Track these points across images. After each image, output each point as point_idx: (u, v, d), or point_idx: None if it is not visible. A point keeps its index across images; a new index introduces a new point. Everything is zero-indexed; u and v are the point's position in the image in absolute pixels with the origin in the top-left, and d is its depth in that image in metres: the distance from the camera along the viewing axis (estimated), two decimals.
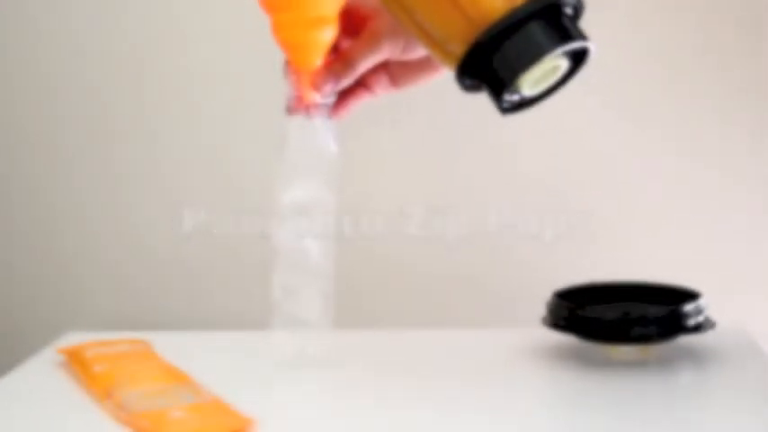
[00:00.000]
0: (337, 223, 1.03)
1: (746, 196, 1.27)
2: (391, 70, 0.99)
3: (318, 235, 1.03)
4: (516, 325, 1.21)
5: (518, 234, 1.28)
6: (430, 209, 1.29)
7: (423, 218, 1.30)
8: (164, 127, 1.30)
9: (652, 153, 1.27)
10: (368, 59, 0.96)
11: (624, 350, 1.09)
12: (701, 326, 1.08)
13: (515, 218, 1.28)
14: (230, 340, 1.20)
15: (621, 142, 1.27)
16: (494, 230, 1.29)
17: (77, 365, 1.07)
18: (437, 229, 1.29)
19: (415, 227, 1.30)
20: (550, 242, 1.28)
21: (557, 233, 1.28)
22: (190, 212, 1.31)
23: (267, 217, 1.27)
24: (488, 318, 1.27)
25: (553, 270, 1.26)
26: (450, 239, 1.29)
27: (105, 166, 1.31)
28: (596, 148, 1.28)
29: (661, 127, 1.27)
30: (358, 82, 0.99)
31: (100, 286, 1.33)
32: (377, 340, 1.18)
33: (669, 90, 1.26)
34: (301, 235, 1.03)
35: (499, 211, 1.28)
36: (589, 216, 1.28)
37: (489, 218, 1.29)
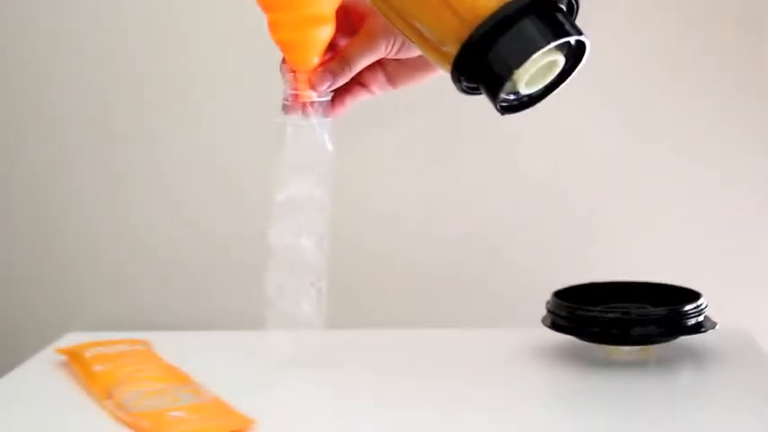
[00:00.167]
0: (335, 222, 1.03)
1: (746, 196, 1.27)
2: (388, 68, 0.98)
3: (313, 233, 1.02)
4: (516, 325, 1.21)
5: (518, 234, 1.29)
6: (429, 208, 1.29)
7: (422, 217, 1.30)
8: (164, 127, 1.30)
9: (652, 153, 1.27)
10: (364, 58, 0.96)
11: (624, 350, 1.09)
12: (701, 326, 1.08)
13: (515, 218, 1.28)
14: (230, 340, 1.20)
15: (621, 142, 1.27)
16: (494, 230, 1.29)
17: (77, 365, 1.07)
18: (437, 229, 1.29)
19: (415, 226, 1.30)
20: (550, 242, 1.28)
21: (557, 233, 1.28)
22: (190, 212, 1.31)
23: (267, 217, 1.27)
24: (488, 318, 1.27)
25: (553, 270, 1.26)
26: (449, 239, 1.29)
27: (105, 166, 1.31)
28: (596, 148, 1.28)
29: (661, 127, 1.27)
30: (355, 80, 0.98)
31: (100, 286, 1.33)
32: (377, 340, 1.18)
33: (669, 90, 1.26)
34: (296, 233, 1.02)
35: (499, 211, 1.29)
36: (589, 216, 1.28)
37: (489, 218, 1.29)
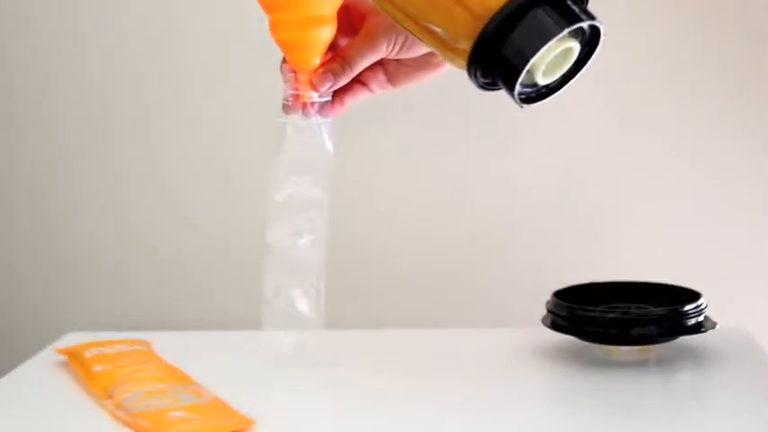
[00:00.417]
0: (334, 222, 1.03)
1: (746, 196, 1.27)
2: (388, 68, 0.98)
3: (313, 233, 1.02)
4: (516, 325, 1.21)
5: (518, 234, 1.29)
6: (429, 208, 1.29)
7: (421, 217, 1.30)
8: (164, 127, 1.31)
9: (652, 153, 1.27)
10: (366, 58, 0.96)
11: (624, 350, 1.09)
12: (701, 326, 1.08)
13: (515, 218, 1.28)
14: (230, 340, 1.20)
15: (622, 142, 1.27)
16: (493, 230, 1.29)
17: (77, 365, 1.07)
18: (436, 229, 1.29)
19: (414, 226, 1.30)
20: (551, 242, 1.28)
21: (557, 233, 1.28)
22: (190, 212, 1.31)
23: (267, 217, 1.27)
24: (488, 318, 1.27)
25: (553, 270, 1.26)
26: (448, 239, 1.29)
27: (105, 166, 1.31)
28: (596, 148, 1.28)
29: (661, 127, 1.27)
30: (355, 79, 0.98)
31: (100, 286, 1.33)
32: (377, 340, 1.18)
33: (669, 90, 1.26)
34: (295, 234, 1.02)
35: (498, 211, 1.28)
36: (589, 216, 1.28)
37: (488, 218, 1.29)
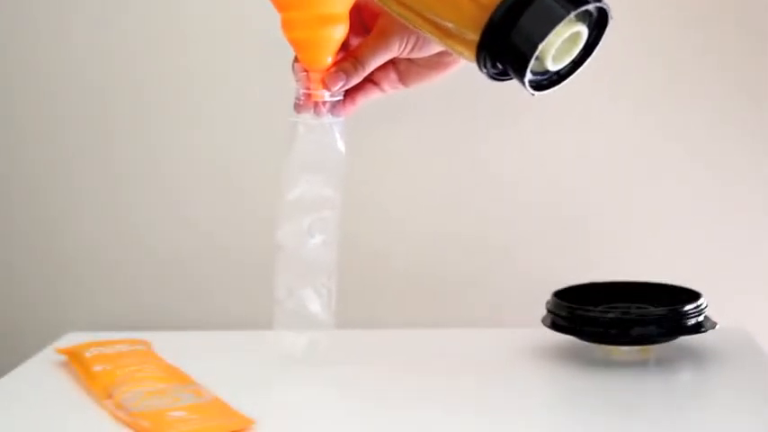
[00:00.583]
0: (340, 222, 1.03)
1: (747, 196, 1.27)
2: (400, 67, 0.98)
3: (324, 233, 1.02)
4: (516, 325, 1.21)
5: (518, 234, 1.28)
6: (430, 209, 1.29)
7: (422, 218, 1.30)
8: (164, 127, 1.30)
9: (652, 153, 1.27)
10: (378, 58, 0.95)
11: (624, 350, 1.09)
12: (701, 326, 1.08)
13: (515, 218, 1.28)
14: (230, 340, 1.20)
15: (622, 143, 1.27)
16: (494, 230, 1.29)
17: (77, 365, 1.07)
18: (437, 230, 1.29)
19: (415, 227, 1.30)
20: (551, 242, 1.28)
21: (557, 233, 1.28)
22: (190, 212, 1.31)
23: (267, 217, 1.27)
24: (488, 318, 1.27)
25: (553, 270, 1.26)
26: (449, 240, 1.29)
27: (105, 166, 1.31)
28: (596, 149, 1.28)
29: (661, 127, 1.27)
30: (366, 78, 0.98)
31: (100, 286, 1.33)
32: (377, 340, 1.18)
33: (669, 90, 1.26)
34: (306, 233, 1.02)
35: (499, 212, 1.28)
36: (589, 216, 1.28)
37: (489, 218, 1.29)
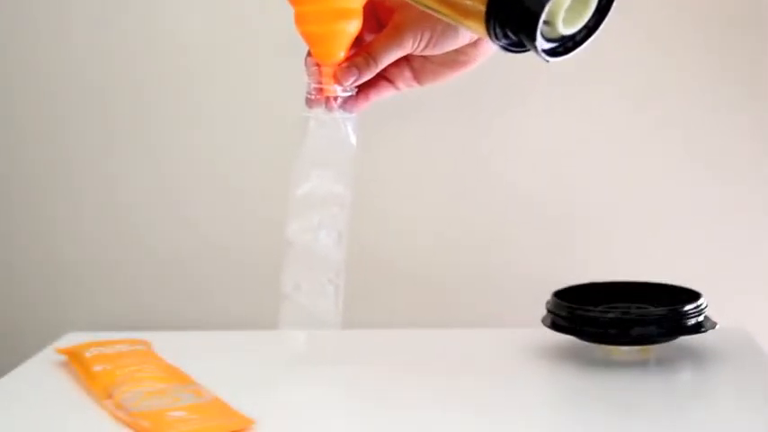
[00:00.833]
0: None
1: (747, 197, 1.27)
2: (414, 65, 0.97)
3: (333, 229, 1.02)
4: (516, 325, 1.21)
5: (518, 234, 1.28)
6: (431, 210, 1.29)
7: (424, 219, 1.30)
8: (164, 127, 1.30)
9: (652, 154, 1.27)
10: (391, 54, 0.95)
11: (624, 350, 1.09)
12: (701, 326, 1.08)
13: (515, 218, 1.28)
14: (230, 340, 1.20)
15: (622, 143, 1.27)
16: (494, 231, 1.29)
17: (77, 365, 1.07)
18: (437, 231, 1.29)
19: (416, 228, 1.30)
20: (551, 242, 1.28)
21: (557, 233, 1.28)
22: (190, 213, 1.31)
23: (267, 217, 1.27)
24: (489, 318, 1.27)
25: (553, 270, 1.26)
26: (450, 240, 1.29)
27: (105, 166, 1.31)
28: (597, 149, 1.28)
29: (662, 127, 1.27)
30: (380, 75, 0.97)
31: (100, 286, 1.33)
32: (377, 340, 1.18)
33: (669, 90, 1.26)
34: (316, 229, 1.02)
35: (499, 212, 1.28)
36: (590, 216, 1.28)
37: (489, 218, 1.29)
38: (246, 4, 1.27)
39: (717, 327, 1.08)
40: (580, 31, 0.83)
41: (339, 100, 0.97)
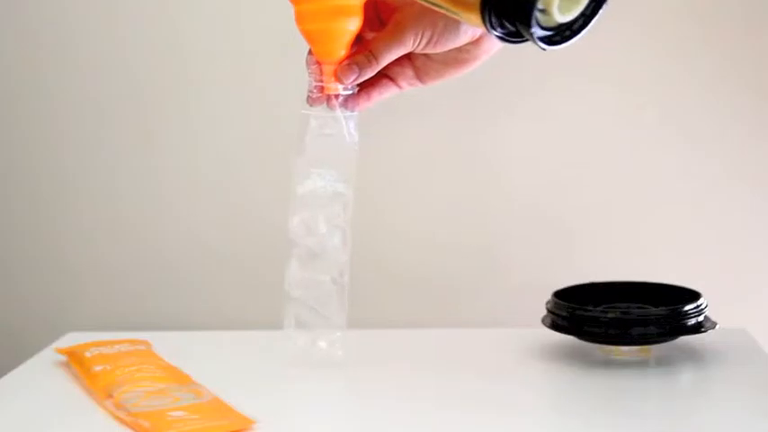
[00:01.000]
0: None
1: (749, 198, 1.27)
2: (416, 64, 0.97)
3: (336, 228, 1.01)
4: (516, 325, 1.21)
5: (519, 234, 1.28)
6: (432, 211, 1.29)
7: (424, 220, 1.30)
8: (164, 128, 1.30)
9: (653, 154, 1.27)
10: (391, 52, 0.95)
11: (624, 350, 1.09)
12: (701, 326, 1.08)
13: (516, 218, 1.28)
14: (230, 340, 1.20)
15: (622, 144, 1.27)
16: (494, 231, 1.29)
17: (77, 365, 1.07)
18: (438, 231, 1.29)
19: (417, 228, 1.30)
20: (551, 242, 1.28)
21: (557, 233, 1.28)
22: (190, 213, 1.31)
23: (267, 217, 1.27)
24: (489, 318, 1.27)
25: (553, 270, 1.26)
26: (450, 241, 1.29)
27: (105, 167, 1.31)
28: (597, 150, 1.28)
29: (662, 128, 1.27)
30: (383, 74, 0.97)
31: (100, 286, 1.33)
32: (377, 340, 1.18)
33: (669, 90, 1.26)
34: (318, 228, 1.01)
35: (500, 212, 1.28)
36: (590, 217, 1.28)
37: (490, 218, 1.29)
38: (247, 4, 1.27)
39: (717, 327, 1.08)
40: (577, 20, 0.83)
41: (340, 98, 0.97)
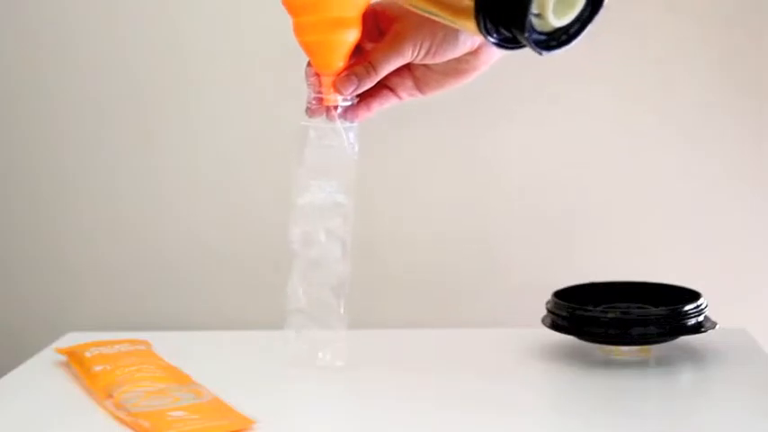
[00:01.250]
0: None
1: (749, 198, 1.27)
2: (416, 74, 0.97)
3: (336, 238, 1.02)
4: (516, 325, 1.21)
5: (519, 235, 1.29)
6: (432, 211, 1.29)
7: (425, 220, 1.30)
8: (164, 129, 1.30)
9: (652, 154, 1.27)
10: (390, 62, 0.95)
11: (624, 350, 1.09)
12: (701, 326, 1.08)
13: (516, 218, 1.28)
14: (230, 340, 1.20)
15: (622, 144, 1.27)
16: (495, 231, 1.29)
17: (77, 365, 1.07)
18: (438, 231, 1.29)
19: (417, 229, 1.30)
20: (551, 242, 1.28)
21: (557, 233, 1.28)
22: (190, 213, 1.31)
23: (267, 218, 1.28)
24: (489, 318, 1.27)
25: (553, 270, 1.26)
26: (451, 241, 1.29)
27: (105, 167, 1.31)
28: (598, 150, 1.28)
29: (662, 128, 1.27)
30: (383, 84, 0.97)
31: (100, 286, 1.33)
32: (378, 340, 1.18)
33: (669, 91, 1.26)
34: (319, 238, 1.01)
35: (500, 212, 1.29)
36: (590, 217, 1.28)
37: (490, 218, 1.29)
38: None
39: (717, 327, 1.08)
40: (573, 24, 0.82)
41: (339, 109, 0.97)
